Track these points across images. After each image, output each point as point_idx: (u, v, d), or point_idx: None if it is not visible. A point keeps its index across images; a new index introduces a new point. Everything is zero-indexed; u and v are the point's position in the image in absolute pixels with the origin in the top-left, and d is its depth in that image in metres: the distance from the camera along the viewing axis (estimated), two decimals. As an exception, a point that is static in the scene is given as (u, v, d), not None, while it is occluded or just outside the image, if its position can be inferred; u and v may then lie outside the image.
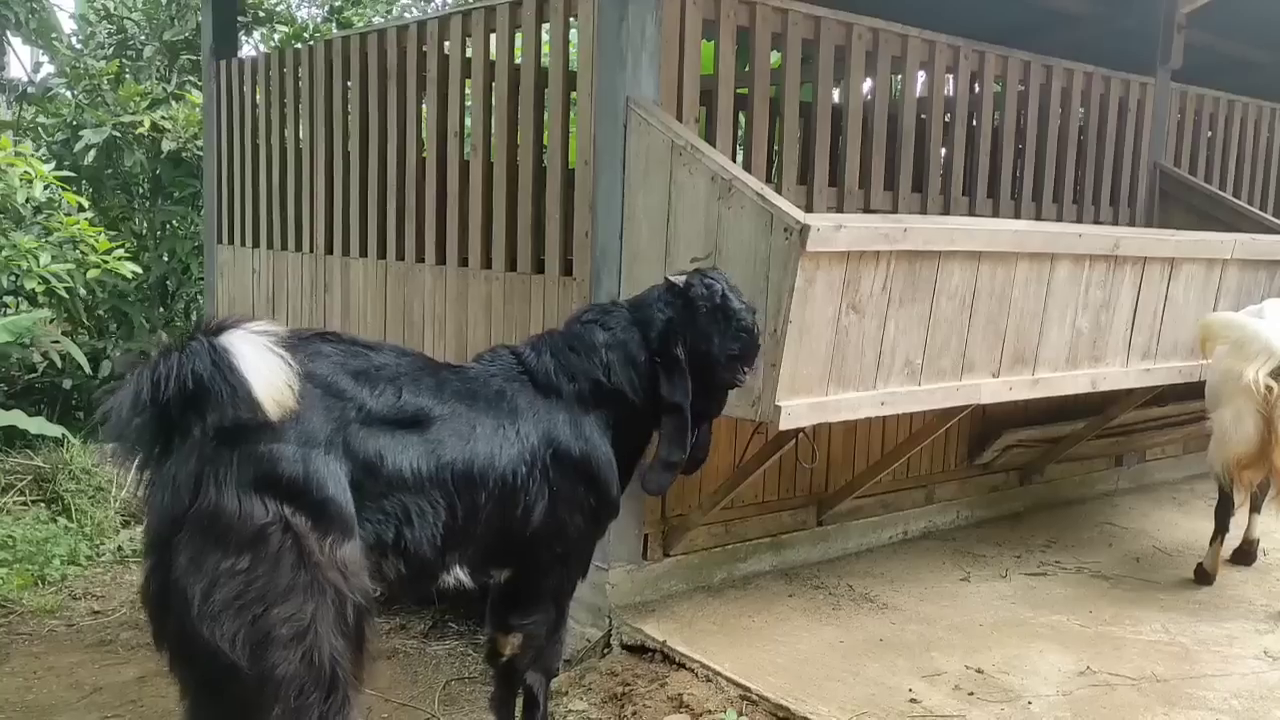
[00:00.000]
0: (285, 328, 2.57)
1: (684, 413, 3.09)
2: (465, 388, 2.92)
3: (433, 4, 11.33)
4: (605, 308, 3.23)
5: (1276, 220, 5.96)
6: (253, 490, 2.42)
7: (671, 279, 3.17)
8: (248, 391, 2.33)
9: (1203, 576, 4.84)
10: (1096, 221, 5.96)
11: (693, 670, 3.81)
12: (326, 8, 9.69)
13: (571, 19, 4.17)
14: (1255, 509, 5.01)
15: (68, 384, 7.27)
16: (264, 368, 2.36)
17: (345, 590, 2.49)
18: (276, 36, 9.12)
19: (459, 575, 2.93)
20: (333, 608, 2.48)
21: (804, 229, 3.33)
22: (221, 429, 2.39)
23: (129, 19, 8.66)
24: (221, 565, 2.39)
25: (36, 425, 5.76)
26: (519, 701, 3.31)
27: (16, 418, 5.67)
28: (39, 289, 6.16)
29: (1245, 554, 5.11)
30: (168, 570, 2.43)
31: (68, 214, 6.58)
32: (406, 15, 10.65)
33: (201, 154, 7.39)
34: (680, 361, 3.07)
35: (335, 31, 8.96)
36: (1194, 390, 5.11)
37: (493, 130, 4.61)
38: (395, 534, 2.70)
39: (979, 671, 3.83)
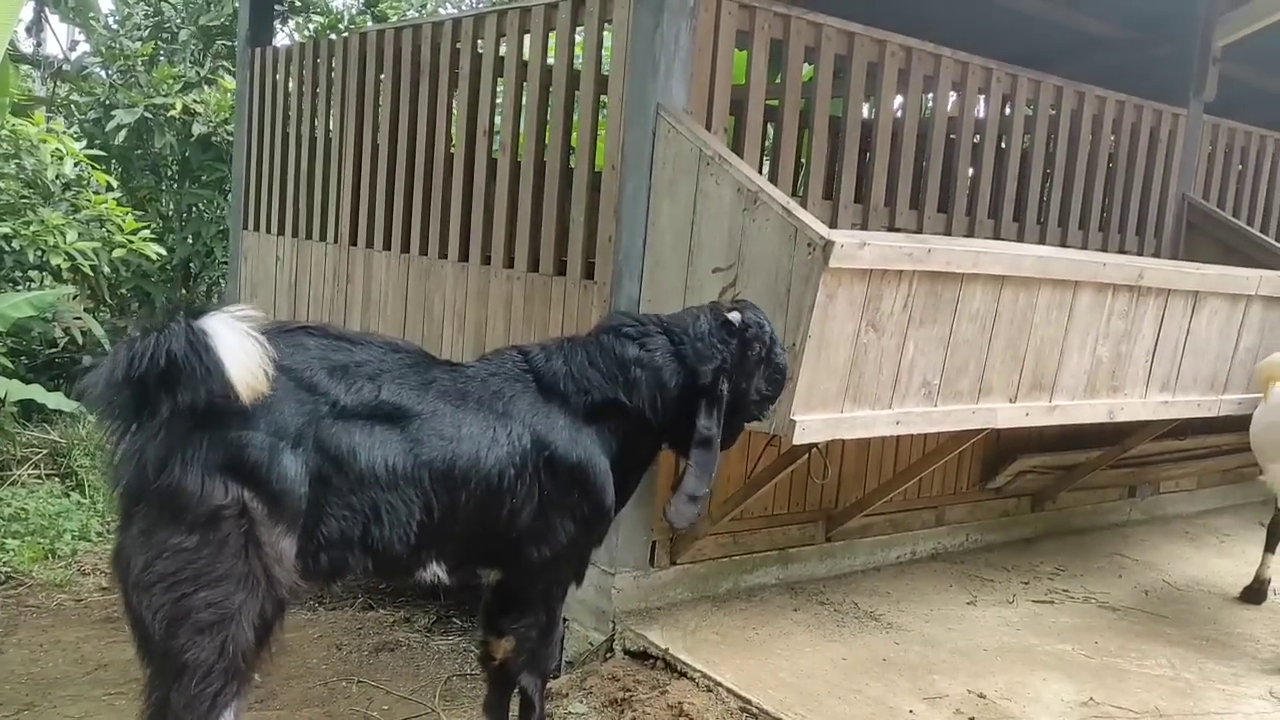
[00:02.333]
0: (268, 317, 2.60)
1: (716, 446, 3.11)
2: (456, 387, 2.90)
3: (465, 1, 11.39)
4: (643, 323, 3.17)
5: (1304, 257, 5.91)
6: (217, 472, 2.47)
7: (727, 316, 3.16)
8: (221, 372, 2.38)
9: (1252, 595, 4.91)
10: (1121, 250, 5.93)
11: (694, 679, 3.81)
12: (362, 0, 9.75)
13: (606, 24, 4.18)
14: (1270, 549, 4.99)
15: (87, 360, 7.34)
16: (239, 351, 2.41)
17: (278, 581, 2.54)
18: (311, 26, 9.19)
19: (436, 572, 2.93)
20: (258, 600, 2.52)
21: (827, 244, 3.33)
22: (195, 411, 2.43)
23: (166, 2, 8.73)
24: (169, 541, 2.45)
25: (54, 400, 5.82)
26: (515, 704, 3.31)
27: (35, 391, 5.73)
28: (64, 265, 6.22)
29: (1256, 593, 5.07)
30: (122, 539, 2.52)
31: (96, 192, 6.64)
32: (441, 11, 10.71)
33: (230, 139, 7.45)
34: (724, 399, 3.08)
35: (370, 24, 9.01)
36: (1214, 424, 5.08)
37: (521, 130, 4.63)
38: (362, 530, 2.70)
39: (981, 696, 3.81)
